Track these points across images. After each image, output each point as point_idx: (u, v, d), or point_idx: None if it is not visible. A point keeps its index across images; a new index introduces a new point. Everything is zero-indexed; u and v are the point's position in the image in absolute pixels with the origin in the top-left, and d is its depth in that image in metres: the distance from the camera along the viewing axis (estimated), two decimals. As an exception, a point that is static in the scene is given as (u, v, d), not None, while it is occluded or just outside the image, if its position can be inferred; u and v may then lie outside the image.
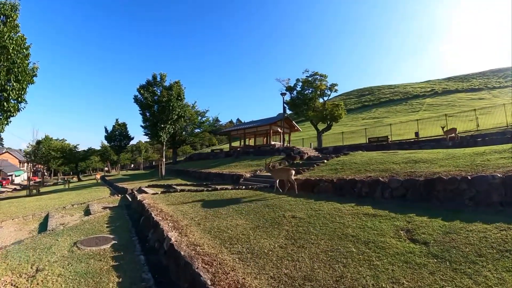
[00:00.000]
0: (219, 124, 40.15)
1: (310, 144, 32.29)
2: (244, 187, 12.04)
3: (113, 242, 6.59)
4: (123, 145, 35.76)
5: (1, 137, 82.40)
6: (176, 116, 20.27)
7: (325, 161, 13.41)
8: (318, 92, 30.03)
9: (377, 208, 6.33)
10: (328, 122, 29.94)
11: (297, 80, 31.12)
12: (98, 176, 31.30)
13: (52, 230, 8.09)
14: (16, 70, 9.90)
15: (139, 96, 20.54)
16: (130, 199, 13.51)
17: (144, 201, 10.02)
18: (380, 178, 7.77)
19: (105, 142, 39.94)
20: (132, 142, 42.78)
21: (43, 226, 9.54)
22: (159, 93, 20.10)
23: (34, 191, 22.64)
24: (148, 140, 44.88)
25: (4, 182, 48.34)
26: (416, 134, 22.93)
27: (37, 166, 67.05)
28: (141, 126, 36.10)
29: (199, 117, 36.97)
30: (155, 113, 20.14)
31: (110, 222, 9.01)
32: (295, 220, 6.08)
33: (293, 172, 9.54)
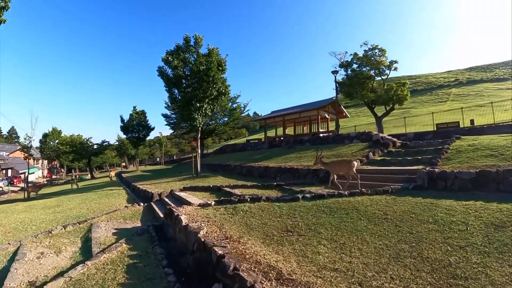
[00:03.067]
0: (244, 114, 34.05)
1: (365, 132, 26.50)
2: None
3: None
4: (142, 136, 30.41)
5: (18, 134, 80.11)
6: (216, 92, 14.56)
7: (447, 147, 9.97)
8: (377, 71, 24.80)
9: None
10: (391, 105, 24.64)
11: (355, 54, 25.29)
12: (112, 174, 25.77)
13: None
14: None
15: (165, 67, 14.87)
16: (161, 215, 7.88)
17: (198, 233, 4.40)
18: None
19: (121, 135, 34.96)
20: (152, 135, 37.77)
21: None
22: (193, 61, 14.35)
23: (33, 193, 17.57)
24: (172, 131, 39.61)
25: (15, 180, 44.56)
26: (472, 121, 20.70)
27: (53, 162, 63.88)
28: (167, 107, 31.15)
29: (230, 103, 31.24)
30: (188, 88, 14.48)
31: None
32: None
33: (356, 164, 8.12)
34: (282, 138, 24.50)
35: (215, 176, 15.30)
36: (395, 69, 24.62)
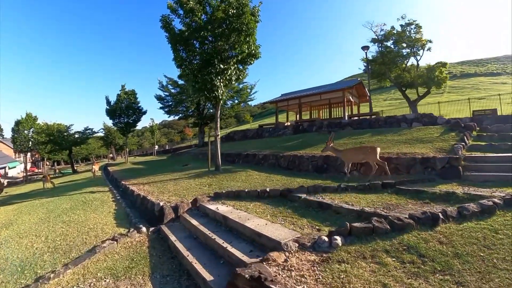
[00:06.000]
0: (251, 96, 29.33)
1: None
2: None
3: None
4: (132, 122, 24.73)
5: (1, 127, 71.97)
6: (247, 50, 9.89)
7: None
8: (412, 50, 21.62)
9: None
10: (426, 89, 21.60)
11: (392, 28, 21.82)
12: (96, 168, 20.05)
13: None
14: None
15: (171, 16, 9.90)
16: (203, 274, 3.29)
17: None
18: None
19: (107, 121, 29.52)
20: (139, 125, 32.87)
21: None
22: (215, 4, 9.50)
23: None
24: (168, 117, 34.59)
25: (-12, 176, 38.54)
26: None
27: (36, 155, 57.73)
28: (161, 88, 26.70)
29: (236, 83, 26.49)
30: (208, 43, 9.77)
31: None
32: None
33: (379, 150, 7.49)
34: (309, 122, 20.16)
35: (242, 169, 10.81)
36: (429, 49, 21.32)
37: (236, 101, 27.77)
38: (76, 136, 32.77)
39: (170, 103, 27.78)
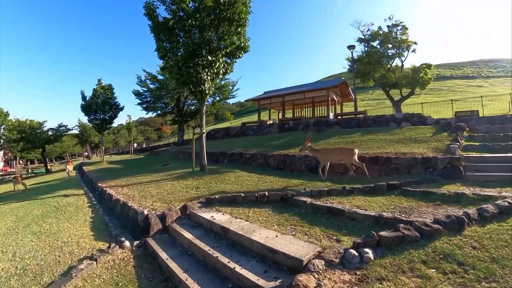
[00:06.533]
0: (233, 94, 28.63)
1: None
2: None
3: None
4: (108, 118, 23.39)
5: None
6: (238, 42, 9.27)
7: None
8: (397, 51, 21.96)
9: None
10: (410, 89, 21.97)
11: (379, 28, 22.17)
12: (70, 168, 18.62)
13: None
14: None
15: (156, 3, 9.02)
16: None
17: None
18: None
19: (82, 118, 27.83)
20: (116, 122, 31.25)
21: None
22: None
23: None
24: (146, 113, 33.06)
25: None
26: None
27: (8, 153, 53.59)
28: (139, 82, 25.36)
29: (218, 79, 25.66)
30: (195, 32, 9.05)
31: None
32: None
33: (357, 151, 7.43)
34: (295, 121, 19.83)
35: (229, 170, 10.18)
36: (414, 50, 21.74)
37: (218, 98, 26.92)
38: (50, 133, 30.96)
39: (149, 99, 26.55)
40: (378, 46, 21.92)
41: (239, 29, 9.02)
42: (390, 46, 21.65)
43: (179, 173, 10.67)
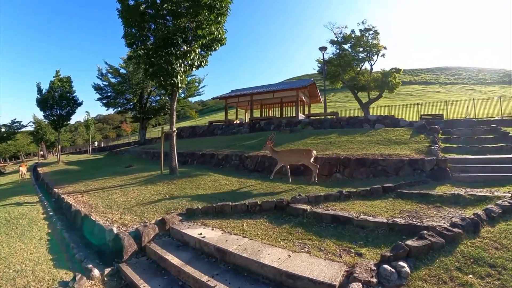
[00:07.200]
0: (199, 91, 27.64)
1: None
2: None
3: None
4: (66, 114, 21.26)
5: None
6: (215, 33, 8.57)
7: None
8: (367, 55, 22.34)
9: None
10: (378, 92, 22.29)
11: (352, 31, 22.41)
12: (23, 170, 16.12)
13: None
14: None
15: None
16: None
17: None
18: None
19: (38, 113, 25.07)
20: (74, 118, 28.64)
21: None
22: None
23: None
24: (106, 109, 30.64)
25: None
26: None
27: None
28: (100, 76, 23.55)
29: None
30: (169, 20, 8.19)
31: None
32: None
33: (315, 153, 7.63)
34: (266, 121, 19.45)
35: (202, 173, 9.41)
36: (383, 55, 22.33)
37: (183, 95, 25.63)
38: (2, 130, 29.08)
39: (110, 94, 24.60)
40: (350, 50, 22.24)
41: (219, 18, 8.28)
42: (361, 49, 22.09)
43: (146, 176, 9.61)
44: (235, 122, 21.90)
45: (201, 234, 3.93)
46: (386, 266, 2.63)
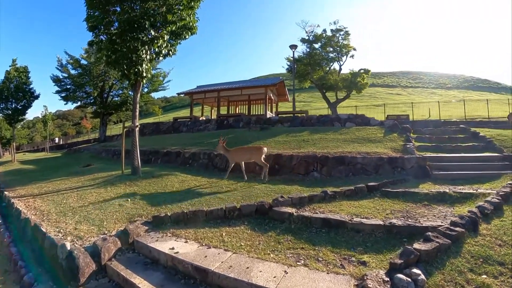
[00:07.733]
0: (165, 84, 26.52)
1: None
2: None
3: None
4: (21, 108, 19.63)
5: None
6: (187, 19, 7.84)
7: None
8: (337, 55, 23.01)
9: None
10: (347, 92, 22.86)
11: (324, 31, 22.68)
12: None
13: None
14: None
15: None
16: None
17: None
18: None
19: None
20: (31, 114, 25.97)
21: None
22: None
23: None
24: (65, 104, 28.12)
25: None
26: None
27: None
28: (59, 67, 21.93)
29: (148, 69, 23.09)
30: (136, 3, 7.32)
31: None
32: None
33: (266, 151, 7.65)
34: (235, 118, 18.89)
35: (168, 172, 8.63)
36: (352, 56, 22.98)
37: (146, 90, 24.21)
38: None
39: (69, 86, 22.95)
40: (320, 49, 22.38)
41: (192, 3, 7.55)
42: (331, 49, 22.37)
43: (106, 177, 8.62)
44: (201, 118, 21.07)
45: (173, 249, 3.28)
46: (400, 275, 2.37)
